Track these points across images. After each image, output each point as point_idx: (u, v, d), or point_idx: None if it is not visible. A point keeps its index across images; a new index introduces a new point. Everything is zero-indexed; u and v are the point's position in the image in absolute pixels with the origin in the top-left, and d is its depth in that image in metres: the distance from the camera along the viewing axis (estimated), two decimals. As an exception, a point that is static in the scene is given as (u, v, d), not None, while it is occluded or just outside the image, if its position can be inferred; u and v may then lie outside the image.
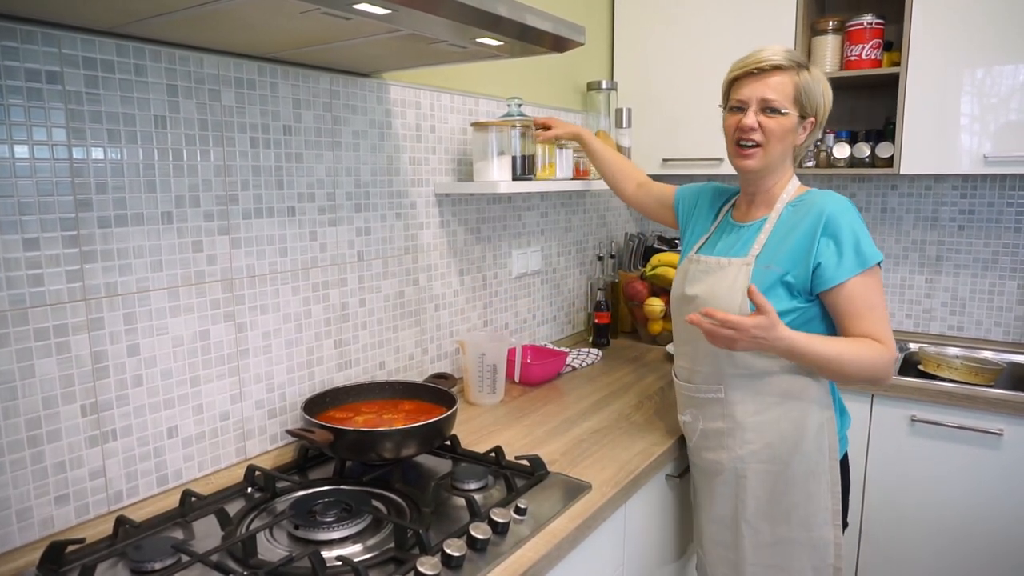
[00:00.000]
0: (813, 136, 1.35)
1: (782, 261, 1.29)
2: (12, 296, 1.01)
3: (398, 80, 1.62)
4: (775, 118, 1.29)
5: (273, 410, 1.41)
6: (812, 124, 1.33)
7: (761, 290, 1.25)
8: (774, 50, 1.30)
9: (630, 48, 2.48)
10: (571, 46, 1.24)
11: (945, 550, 1.93)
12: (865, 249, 1.25)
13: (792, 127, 1.31)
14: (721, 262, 1.37)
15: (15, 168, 1.00)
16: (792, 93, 1.29)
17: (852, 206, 1.29)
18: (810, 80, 1.30)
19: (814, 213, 1.27)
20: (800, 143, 1.34)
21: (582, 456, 1.42)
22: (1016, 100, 1.91)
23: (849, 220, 1.25)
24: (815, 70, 1.32)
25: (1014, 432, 1.80)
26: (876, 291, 1.27)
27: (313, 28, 1.05)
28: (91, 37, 1.06)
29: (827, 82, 1.33)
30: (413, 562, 0.98)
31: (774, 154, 1.32)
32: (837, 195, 1.31)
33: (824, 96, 1.32)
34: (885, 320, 1.27)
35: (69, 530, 1.10)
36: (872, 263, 1.25)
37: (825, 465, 1.32)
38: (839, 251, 1.25)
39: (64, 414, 1.08)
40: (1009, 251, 2.27)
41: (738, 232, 1.40)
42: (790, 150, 1.34)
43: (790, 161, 1.37)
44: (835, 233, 1.25)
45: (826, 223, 1.26)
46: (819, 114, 1.32)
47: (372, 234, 1.59)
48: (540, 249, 2.21)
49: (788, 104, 1.29)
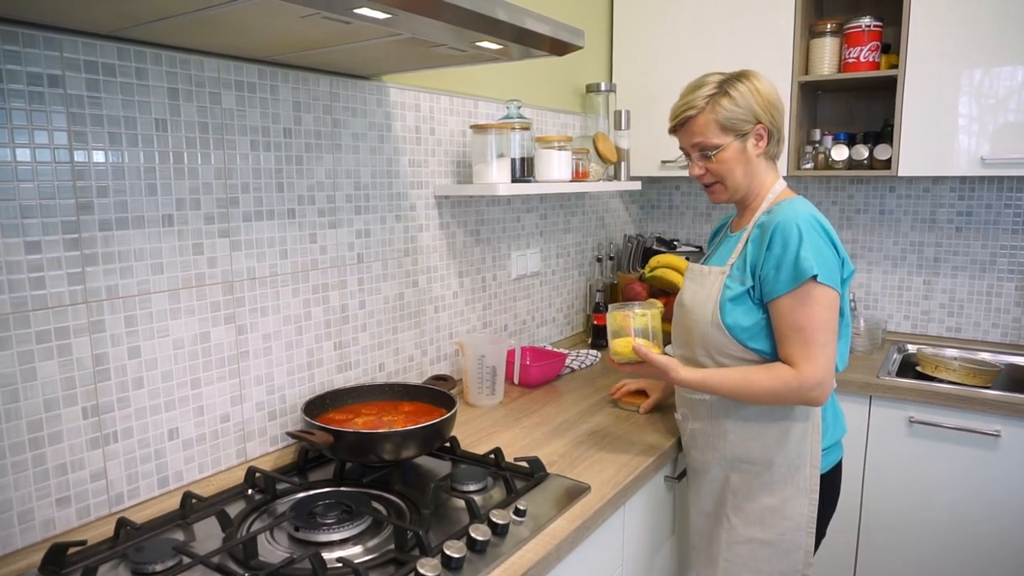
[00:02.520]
0: (776, 135, 1.34)
1: (746, 272, 1.30)
2: (14, 299, 1.01)
3: (398, 83, 1.63)
4: (714, 157, 1.32)
5: (273, 412, 1.41)
6: (764, 128, 1.31)
7: (730, 299, 1.29)
8: (684, 100, 1.33)
9: (629, 50, 2.49)
10: (570, 49, 1.25)
11: (943, 551, 1.93)
12: (803, 264, 1.20)
13: (737, 152, 1.31)
14: (704, 270, 1.39)
15: (17, 171, 1.00)
16: (717, 126, 1.30)
17: (810, 219, 1.25)
18: (735, 98, 1.29)
19: (771, 224, 1.26)
20: (762, 151, 1.33)
21: (581, 457, 1.42)
22: (1014, 102, 1.92)
23: (797, 233, 1.22)
24: (741, 83, 1.30)
25: (1011, 433, 1.81)
26: (806, 311, 1.22)
27: (313, 32, 1.06)
28: (92, 41, 1.07)
29: (760, 82, 1.31)
30: (413, 563, 0.98)
31: (735, 181, 1.34)
32: (803, 206, 1.29)
33: (758, 97, 1.30)
34: (811, 343, 1.22)
35: (70, 532, 1.10)
36: (805, 277, 1.20)
37: (805, 473, 1.32)
38: (777, 265, 1.24)
39: (65, 416, 1.08)
40: (1007, 253, 2.27)
41: (728, 241, 1.42)
42: (754, 166, 1.34)
43: (764, 169, 1.36)
44: (776, 245, 1.24)
45: (772, 234, 1.25)
46: (762, 117, 1.30)
47: (372, 236, 1.60)
48: (539, 251, 2.21)
49: (718, 137, 1.30)
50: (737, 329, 1.30)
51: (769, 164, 1.37)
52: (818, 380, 1.23)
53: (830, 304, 1.23)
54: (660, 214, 2.90)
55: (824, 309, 1.22)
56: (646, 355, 1.34)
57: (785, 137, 1.37)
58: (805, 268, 1.20)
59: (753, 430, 1.34)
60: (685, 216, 2.85)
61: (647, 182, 2.86)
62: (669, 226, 2.89)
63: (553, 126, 2.24)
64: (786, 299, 1.23)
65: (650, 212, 2.92)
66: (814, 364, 1.22)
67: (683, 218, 2.86)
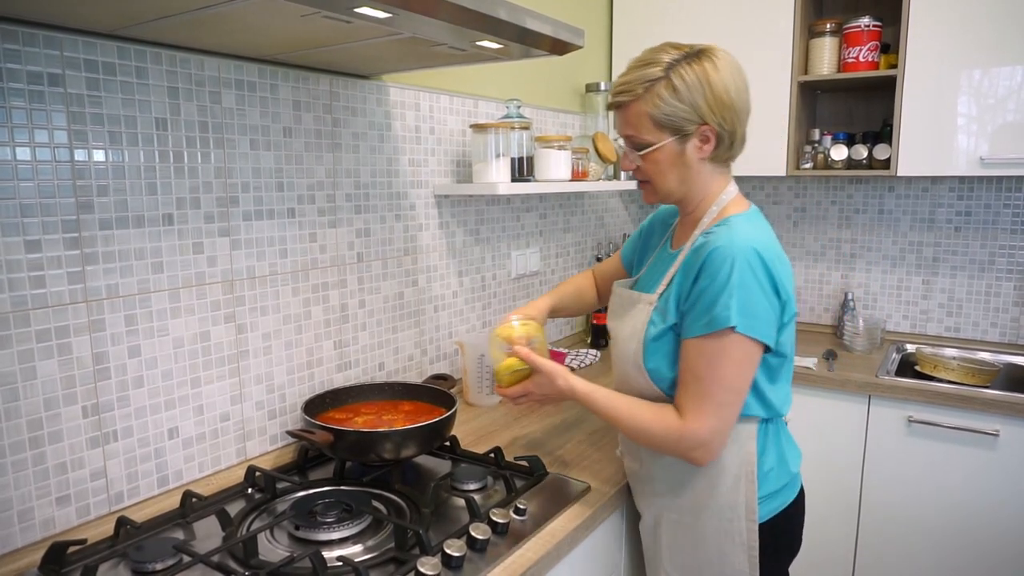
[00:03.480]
0: (728, 139, 1.12)
1: (669, 306, 1.12)
2: (14, 298, 1.01)
3: (398, 82, 1.63)
4: (646, 155, 1.13)
5: (273, 411, 1.41)
6: (711, 131, 1.09)
7: (653, 338, 1.12)
8: (623, 79, 1.11)
9: (628, 50, 2.48)
10: (571, 49, 1.25)
11: (941, 550, 1.94)
12: (720, 311, 1.03)
13: (672, 155, 1.12)
14: (632, 296, 1.21)
15: (17, 170, 1.00)
16: (651, 121, 1.10)
17: (749, 252, 1.04)
18: (679, 90, 1.07)
19: (704, 251, 1.07)
20: (707, 155, 1.12)
21: (581, 457, 1.43)
22: (1013, 102, 1.92)
23: (728, 269, 1.03)
24: (693, 70, 1.07)
25: (1010, 433, 1.81)
26: (711, 362, 1.04)
27: (314, 31, 1.06)
28: (92, 40, 1.07)
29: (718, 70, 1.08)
30: (413, 562, 0.99)
31: (667, 187, 1.15)
32: (748, 229, 1.08)
33: (708, 92, 1.07)
34: (706, 398, 1.05)
35: (70, 531, 1.10)
36: (720, 327, 1.03)
37: (741, 525, 1.14)
38: (696, 302, 1.06)
39: (65, 415, 1.08)
40: (1005, 252, 2.28)
41: (664, 259, 1.23)
42: (694, 171, 1.13)
43: (709, 175, 1.15)
44: (703, 278, 1.06)
45: (702, 264, 1.06)
46: (709, 118, 1.08)
47: (372, 235, 1.60)
48: (539, 250, 2.21)
49: (652, 134, 1.11)
50: (658, 376, 1.13)
51: (717, 169, 1.15)
52: (701, 440, 1.06)
53: (744, 359, 1.05)
54: (659, 214, 2.90)
55: (734, 365, 1.04)
56: (528, 357, 1.20)
57: (744, 138, 1.14)
58: (722, 316, 1.02)
59: (680, 477, 1.17)
60: (684, 216, 2.85)
61: (646, 182, 2.86)
62: (668, 226, 2.89)
63: (553, 125, 2.24)
64: (695, 342, 1.06)
65: (649, 211, 2.92)
66: (702, 422, 1.05)
67: (682, 218, 2.86)
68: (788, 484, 1.20)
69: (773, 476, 1.16)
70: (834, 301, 2.57)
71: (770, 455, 1.16)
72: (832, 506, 2.06)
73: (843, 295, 2.50)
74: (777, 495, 1.18)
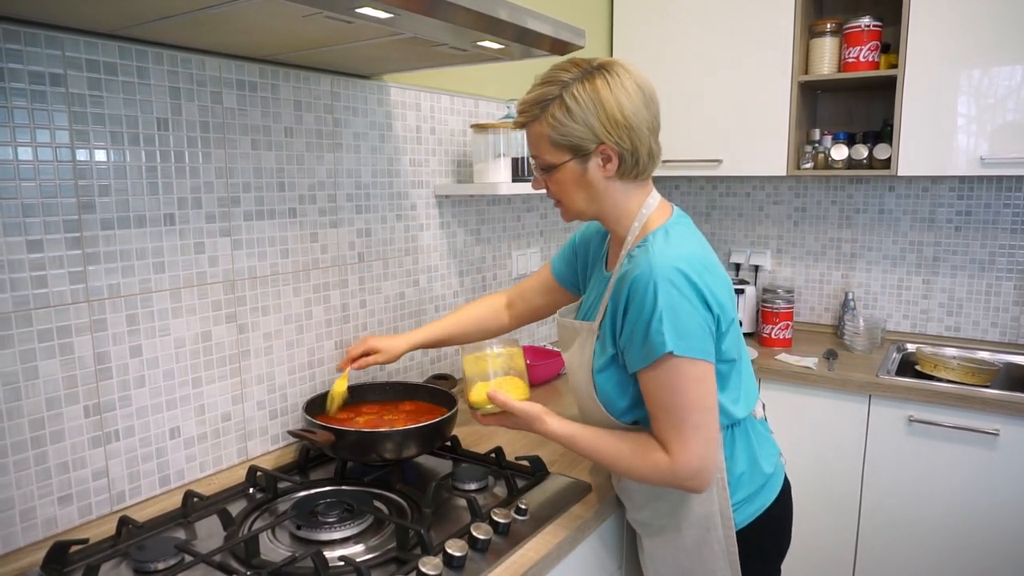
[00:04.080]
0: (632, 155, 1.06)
1: (607, 336, 1.09)
2: (16, 298, 1.01)
3: (398, 82, 1.63)
4: (550, 176, 1.11)
5: (274, 411, 1.41)
6: (610, 149, 1.05)
7: (599, 369, 1.10)
8: (523, 99, 1.08)
9: (628, 50, 2.49)
10: (571, 49, 1.25)
11: (941, 549, 1.94)
12: (654, 338, 0.99)
13: (575, 175, 1.08)
14: (575, 327, 1.17)
15: (19, 170, 1.00)
16: (548, 141, 1.07)
17: (670, 271, 0.99)
18: (572, 111, 1.03)
19: (627, 279, 1.03)
20: (612, 174, 1.07)
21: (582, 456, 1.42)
22: (1013, 101, 1.92)
23: (651, 295, 0.99)
24: (586, 89, 1.03)
25: (1010, 432, 1.81)
26: (670, 389, 1.01)
27: (315, 31, 1.06)
28: (94, 40, 1.07)
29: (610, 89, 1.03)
30: (415, 562, 0.99)
31: (577, 207, 1.13)
32: (665, 246, 1.03)
33: (600, 112, 1.03)
34: (683, 426, 1.01)
35: (72, 530, 1.10)
36: (658, 354, 0.99)
37: (719, 534, 1.13)
38: (630, 335, 1.03)
39: (67, 415, 1.08)
40: (1006, 252, 2.28)
41: (599, 283, 1.20)
42: (602, 190, 1.10)
43: (623, 193, 1.11)
44: (632, 310, 1.02)
45: (627, 296, 1.03)
46: (604, 137, 1.04)
47: (373, 236, 1.60)
48: (539, 250, 2.21)
49: (552, 155, 1.08)
50: (612, 407, 1.11)
51: (631, 185, 1.11)
52: (694, 469, 1.02)
53: (698, 378, 1.01)
54: (660, 213, 2.90)
55: (693, 384, 1.01)
56: (504, 403, 1.14)
57: (653, 153, 1.09)
58: (656, 343, 0.99)
59: (653, 492, 1.17)
60: (685, 215, 2.85)
61: (647, 181, 2.86)
62: (669, 225, 2.89)
63: (553, 125, 2.24)
64: (645, 375, 1.03)
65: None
66: (688, 452, 1.02)
67: (683, 217, 2.85)
68: (764, 486, 1.17)
69: (746, 480, 1.14)
70: (834, 301, 2.57)
71: (740, 460, 1.14)
72: (832, 506, 2.06)
73: (843, 295, 2.51)
74: (754, 499, 1.15)
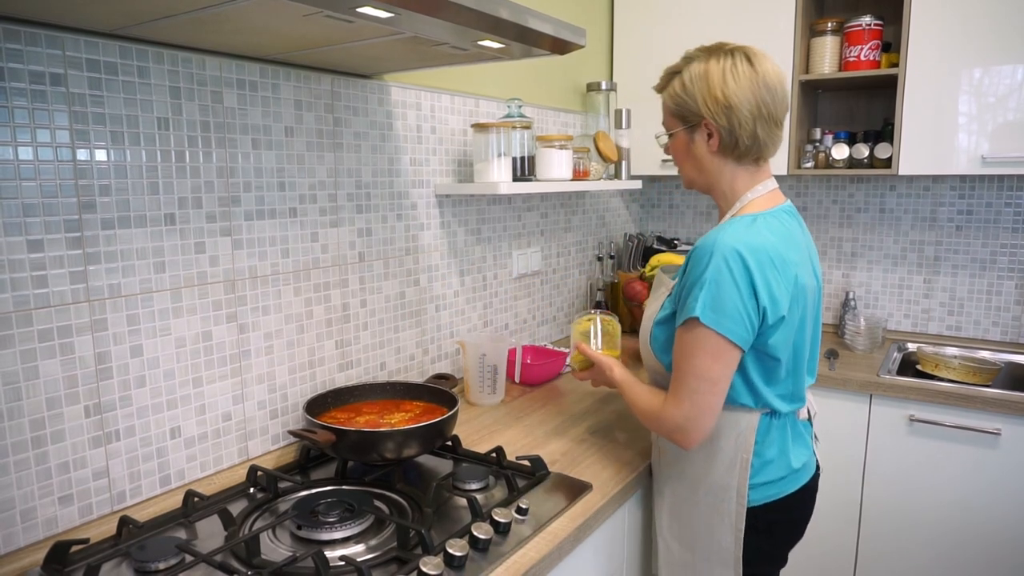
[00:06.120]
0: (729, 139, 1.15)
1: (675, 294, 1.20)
2: (16, 297, 1.01)
3: (399, 81, 1.63)
4: (668, 142, 1.26)
5: (275, 410, 1.41)
6: (711, 125, 1.15)
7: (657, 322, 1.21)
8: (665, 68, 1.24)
9: (629, 49, 2.49)
10: (572, 48, 1.25)
11: (943, 549, 1.94)
12: (690, 302, 1.09)
13: (683, 144, 1.22)
14: (661, 278, 1.31)
15: (19, 170, 1.00)
16: (668, 109, 1.22)
17: (732, 252, 1.06)
18: (685, 83, 1.17)
19: (695, 247, 1.14)
20: (715, 151, 1.17)
21: (583, 456, 1.43)
22: (1014, 100, 1.92)
23: (704, 264, 1.08)
24: (701, 66, 1.15)
25: (1012, 432, 1.81)
26: (686, 350, 1.11)
27: (316, 31, 1.06)
28: (94, 39, 1.07)
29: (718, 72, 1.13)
30: (416, 562, 0.99)
31: (686, 174, 1.26)
32: (741, 232, 1.10)
33: (705, 88, 1.14)
34: (681, 384, 1.12)
35: (73, 530, 1.10)
36: (687, 316, 1.09)
37: (730, 507, 1.20)
38: (679, 295, 1.15)
39: (68, 415, 1.08)
40: (1007, 251, 2.28)
41: None
42: (706, 164, 1.20)
43: (729, 172, 1.20)
44: (689, 273, 1.12)
45: (689, 259, 1.14)
46: (705, 113, 1.14)
47: (373, 235, 1.60)
48: (540, 250, 2.21)
49: (672, 122, 1.23)
50: (662, 357, 1.22)
51: (739, 167, 1.19)
52: (676, 424, 1.13)
53: (713, 351, 1.08)
54: (660, 213, 2.91)
55: (705, 355, 1.09)
56: (584, 351, 1.38)
57: (757, 139, 1.15)
58: (690, 307, 1.09)
59: (682, 454, 1.25)
60: (685, 215, 2.85)
61: (648, 181, 2.86)
62: (669, 225, 2.89)
63: (554, 125, 2.24)
64: (678, 332, 1.14)
65: (650, 211, 2.93)
66: (676, 407, 1.13)
67: (683, 217, 2.86)
68: (787, 477, 1.23)
69: (772, 467, 1.21)
70: (835, 300, 2.57)
71: (771, 447, 1.21)
72: (834, 505, 2.06)
73: (844, 294, 2.51)
74: (774, 484, 1.22)
